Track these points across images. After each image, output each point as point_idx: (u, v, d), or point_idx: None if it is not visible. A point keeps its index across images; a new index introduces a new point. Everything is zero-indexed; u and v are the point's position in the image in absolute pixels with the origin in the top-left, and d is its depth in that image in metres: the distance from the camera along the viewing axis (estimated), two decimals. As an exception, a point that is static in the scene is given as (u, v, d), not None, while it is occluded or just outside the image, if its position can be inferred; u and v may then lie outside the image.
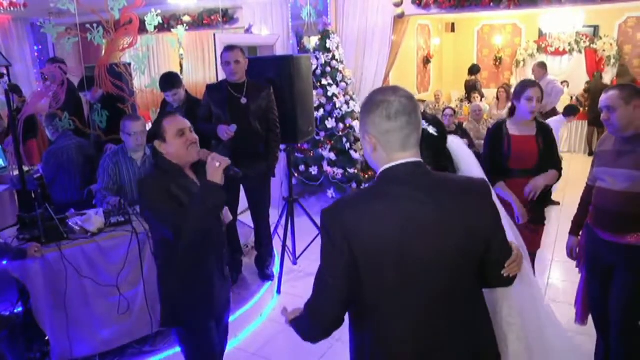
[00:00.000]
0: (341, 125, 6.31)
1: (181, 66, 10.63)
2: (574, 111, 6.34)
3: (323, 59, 6.35)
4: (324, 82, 6.30)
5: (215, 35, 5.62)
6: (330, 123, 6.23)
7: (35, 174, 4.77)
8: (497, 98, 8.21)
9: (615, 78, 9.33)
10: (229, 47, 3.92)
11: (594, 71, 9.88)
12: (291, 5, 7.01)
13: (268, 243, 4.42)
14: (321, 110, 6.27)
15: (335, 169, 6.28)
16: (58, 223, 3.07)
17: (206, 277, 2.36)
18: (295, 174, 6.27)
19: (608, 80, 9.45)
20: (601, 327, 2.87)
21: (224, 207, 2.41)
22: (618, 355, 2.70)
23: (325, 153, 6.28)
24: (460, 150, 2.29)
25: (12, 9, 6.99)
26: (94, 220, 3.20)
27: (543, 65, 7.39)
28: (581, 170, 3.34)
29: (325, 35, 6.42)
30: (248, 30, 7.02)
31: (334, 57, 6.39)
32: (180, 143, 2.29)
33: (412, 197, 1.41)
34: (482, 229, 1.46)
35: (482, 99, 8.73)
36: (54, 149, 4.25)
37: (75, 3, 4.17)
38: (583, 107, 9.39)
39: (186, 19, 8.19)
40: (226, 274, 2.49)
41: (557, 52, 10.50)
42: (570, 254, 2.99)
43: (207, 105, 4.03)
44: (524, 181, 3.18)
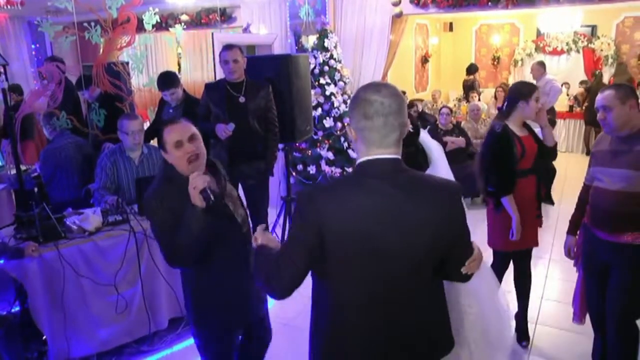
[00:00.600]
0: (339, 125, 6.31)
1: (179, 65, 10.62)
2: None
3: (321, 58, 6.35)
4: (322, 81, 6.30)
5: (213, 34, 5.62)
6: (328, 122, 6.23)
7: (33, 173, 4.76)
8: (495, 97, 8.22)
9: (612, 77, 9.35)
10: (228, 46, 3.92)
11: (591, 71, 9.90)
12: (289, 4, 7.01)
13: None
14: (319, 110, 6.27)
15: (333, 168, 6.28)
16: (55, 222, 3.07)
17: (224, 288, 2.23)
18: (293, 173, 6.26)
19: (606, 80, 9.47)
20: (598, 325, 2.88)
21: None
22: (615, 353, 2.71)
23: (323, 152, 6.28)
24: (431, 144, 2.38)
25: (9, 7, 6.97)
26: (92, 219, 3.19)
27: (542, 64, 7.40)
28: (578, 170, 3.35)
29: (323, 34, 6.42)
30: (246, 30, 7.01)
31: (332, 56, 6.39)
32: (179, 155, 2.10)
33: (384, 191, 1.47)
34: (448, 229, 1.53)
35: (480, 98, 8.74)
36: (51, 148, 4.24)
37: (73, 2, 4.17)
38: (580, 107, 9.41)
39: (184, 18, 8.19)
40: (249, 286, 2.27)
41: (555, 52, 10.51)
42: (568, 253, 3.00)
43: (205, 104, 4.03)
44: (525, 180, 3.16)
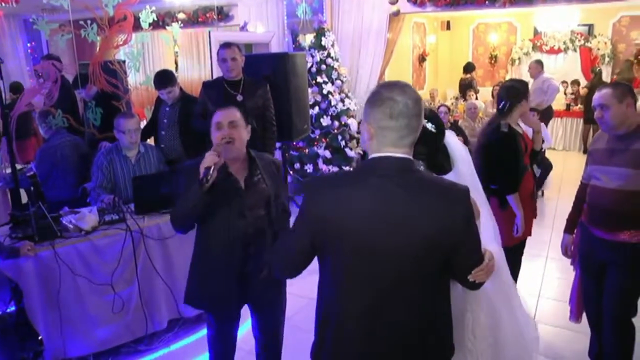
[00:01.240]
0: (336, 123, 6.30)
1: (176, 63, 10.59)
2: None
3: (318, 57, 6.34)
4: (319, 79, 6.29)
5: (210, 32, 5.60)
6: (325, 121, 6.22)
7: (29, 172, 4.74)
8: (493, 96, 8.22)
9: (615, 75, 9.38)
10: (226, 44, 3.91)
11: (588, 69, 9.92)
12: (286, 2, 7.00)
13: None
14: (316, 108, 6.27)
15: (331, 166, 6.28)
16: (51, 221, 3.05)
17: (207, 269, 2.39)
18: (291, 172, 6.26)
19: (603, 79, 9.48)
20: (595, 324, 2.88)
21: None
22: (611, 351, 2.71)
23: (321, 151, 6.27)
24: (456, 146, 2.32)
25: (4, 5, 6.94)
26: (88, 218, 3.18)
27: (540, 63, 7.42)
28: (576, 168, 3.36)
29: (320, 32, 6.42)
30: (243, 28, 7.00)
31: (329, 55, 6.38)
32: (216, 135, 2.29)
33: (388, 190, 1.47)
34: (451, 233, 1.49)
35: (477, 97, 8.74)
36: (47, 146, 4.22)
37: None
38: (578, 105, 9.43)
39: (181, 16, 8.17)
40: (248, 272, 2.38)
41: (552, 51, 10.53)
42: (565, 252, 3.00)
43: (203, 102, 4.01)
44: (525, 176, 3.20)
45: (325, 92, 6.28)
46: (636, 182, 2.46)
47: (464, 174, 2.23)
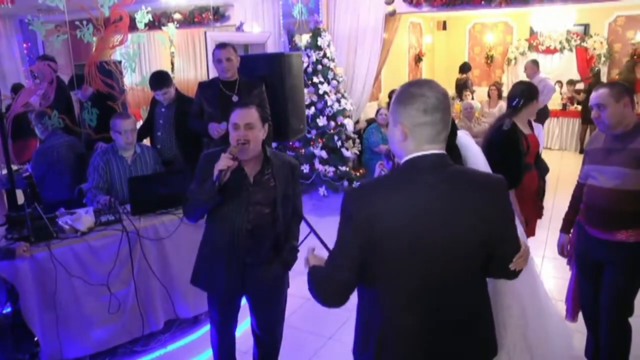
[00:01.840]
0: (332, 123, 6.31)
1: (172, 64, 10.58)
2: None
3: (314, 57, 6.35)
4: (315, 80, 6.29)
5: (206, 32, 5.60)
6: (321, 121, 6.23)
7: (24, 172, 4.72)
8: (489, 96, 8.24)
9: (617, 75, 9.40)
10: (221, 45, 3.90)
11: (584, 69, 9.94)
12: (282, 2, 7.00)
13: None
14: (312, 108, 6.27)
15: (327, 167, 6.29)
16: (47, 222, 3.04)
17: (211, 257, 2.50)
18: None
19: (601, 79, 9.51)
20: (591, 323, 2.89)
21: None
22: (607, 350, 2.72)
23: (317, 151, 6.28)
24: (469, 145, 2.34)
25: (0, 5, 6.91)
26: (84, 219, 3.17)
27: (536, 62, 7.43)
28: (572, 168, 3.37)
29: (316, 33, 6.42)
30: (239, 28, 7.00)
31: (325, 55, 6.39)
32: (233, 135, 2.35)
33: (435, 187, 1.46)
34: (496, 223, 1.52)
35: (473, 97, 8.76)
36: (43, 147, 4.21)
37: (64, 0, 4.13)
38: (574, 105, 9.45)
39: (177, 16, 8.16)
40: (246, 262, 2.46)
41: (548, 50, 10.56)
42: (562, 251, 3.01)
43: (198, 103, 4.01)
44: (529, 174, 3.24)
45: (321, 92, 6.28)
46: (633, 182, 2.47)
47: (480, 169, 2.25)
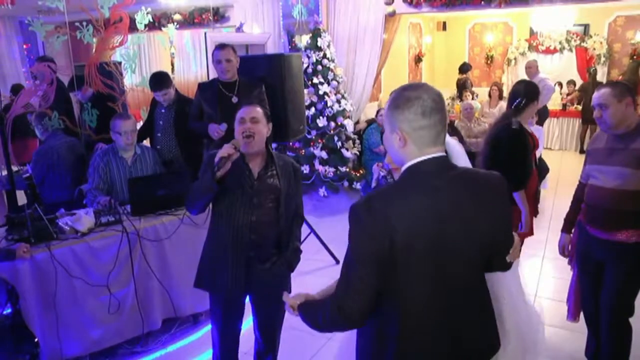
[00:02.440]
0: (332, 124, 6.30)
1: (172, 65, 10.57)
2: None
3: (314, 58, 6.34)
4: (315, 80, 6.29)
5: (206, 33, 5.59)
6: (321, 122, 6.22)
7: (25, 174, 4.73)
8: (489, 96, 8.24)
9: (620, 75, 9.41)
10: (221, 46, 3.90)
11: (584, 69, 9.94)
12: (282, 3, 7.00)
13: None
14: (312, 109, 6.26)
15: (327, 167, 6.28)
16: (47, 223, 3.04)
17: (216, 254, 2.51)
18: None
19: (599, 78, 9.50)
20: (592, 323, 2.89)
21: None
22: (608, 351, 2.72)
23: (317, 151, 6.27)
24: (454, 147, 2.37)
25: None
26: (84, 220, 3.17)
27: (536, 63, 7.44)
28: (572, 168, 3.37)
29: (316, 33, 6.42)
30: (239, 29, 7.00)
31: (325, 56, 6.38)
32: (238, 129, 2.41)
33: (443, 190, 1.46)
34: (501, 221, 1.56)
35: (474, 97, 8.76)
36: (43, 148, 4.21)
37: (64, 1, 4.13)
38: (578, 105, 9.45)
39: (177, 17, 8.16)
40: (252, 258, 2.48)
41: (548, 51, 10.56)
42: (563, 251, 3.00)
43: (198, 104, 4.01)
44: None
45: (321, 92, 6.28)
46: (635, 182, 2.47)
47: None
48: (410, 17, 9.74)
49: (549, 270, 4.49)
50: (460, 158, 2.37)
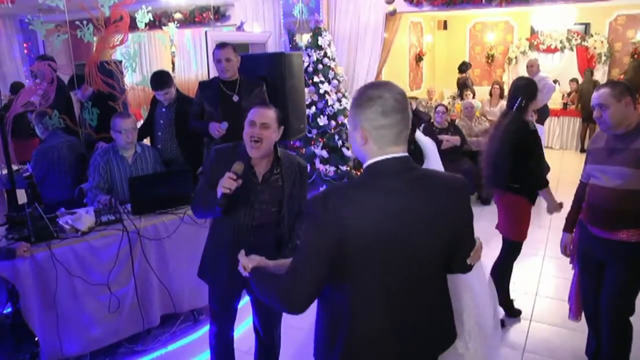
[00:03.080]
0: (333, 123, 6.30)
1: (173, 64, 10.57)
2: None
3: (315, 57, 6.34)
4: (315, 79, 6.29)
5: (206, 32, 5.59)
6: (322, 120, 6.22)
7: (25, 172, 4.72)
8: (490, 95, 8.23)
9: (622, 75, 9.40)
10: (221, 45, 3.90)
11: (585, 68, 9.93)
12: (283, 2, 6.99)
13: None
14: (313, 108, 6.27)
15: (327, 166, 6.28)
16: (48, 222, 3.04)
17: (216, 252, 2.53)
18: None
19: (599, 77, 9.50)
20: (593, 322, 2.89)
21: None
22: (608, 350, 2.72)
23: (317, 150, 6.27)
24: (426, 142, 2.44)
25: (0, 5, 6.91)
26: (85, 219, 3.17)
27: (537, 61, 7.44)
28: (573, 167, 3.37)
29: (317, 32, 6.41)
30: (240, 28, 6.99)
31: (325, 55, 6.38)
32: (247, 132, 2.35)
33: (401, 190, 1.46)
34: (460, 224, 1.56)
35: (474, 96, 8.76)
36: (44, 147, 4.21)
37: (65, 0, 4.13)
38: (576, 105, 9.45)
39: (177, 16, 8.15)
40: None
41: (549, 50, 10.55)
42: (564, 250, 3.00)
43: (199, 103, 4.00)
44: None
45: (322, 91, 6.27)
46: (635, 182, 2.46)
47: (434, 167, 2.37)
48: (411, 16, 9.74)
49: (549, 270, 4.49)
50: (432, 157, 2.42)
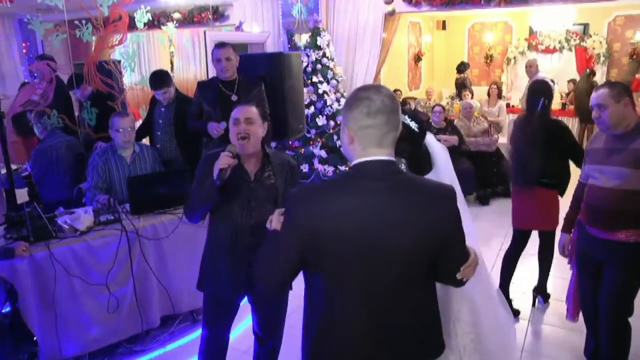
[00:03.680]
0: (332, 123, 6.30)
1: (172, 63, 10.56)
2: None
3: (314, 57, 6.34)
4: (314, 79, 6.29)
5: (205, 32, 5.59)
6: (321, 120, 6.22)
7: (24, 172, 4.72)
8: (489, 95, 8.24)
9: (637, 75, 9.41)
10: (220, 44, 3.90)
11: (584, 69, 9.94)
12: (282, 2, 6.99)
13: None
14: (312, 108, 6.26)
15: (326, 166, 6.28)
16: (46, 222, 3.03)
17: (215, 256, 2.49)
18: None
19: (598, 78, 9.50)
20: (591, 323, 2.89)
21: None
22: (607, 350, 2.72)
23: (316, 150, 6.27)
24: (436, 146, 2.40)
25: (-1, 5, 6.91)
26: (83, 218, 3.16)
27: (536, 62, 7.45)
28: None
29: (315, 32, 6.41)
30: (239, 28, 6.99)
31: (324, 55, 6.38)
32: (233, 130, 2.37)
33: (376, 193, 1.47)
34: (440, 232, 1.52)
35: (473, 97, 8.77)
36: (42, 147, 4.21)
37: (64, -1, 4.13)
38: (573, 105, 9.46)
39: (176, 15, 8.15)
40: (248, 262, 2.43)
41: (548, 50, 10.55)
42: (563, 250, 3.01)
43: (198, 103, 4.01)
44: None
45: (320, 91, 6.27)
46: (634, 182, 2.47)
47: (443, 173, 2.31)
48: (410, 16, 9.74)
49: (548, 270, 4.49)
50: (442, 164, 2.38)
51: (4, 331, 2.90)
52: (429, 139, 2.40)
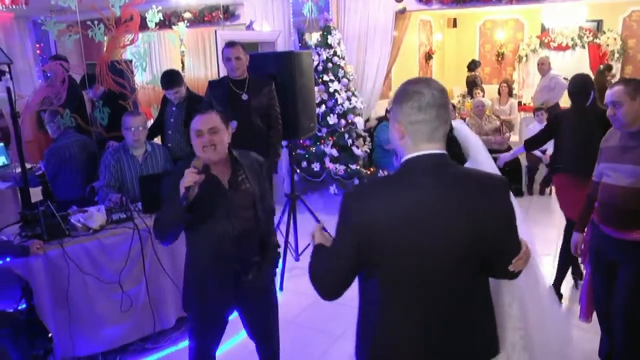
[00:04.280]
0: (343, 122, 6.30)
1: (182, 63, 10.61)
2: None
3: (324, 55, 6.33)
4: (325, 78, 6.28)
5: (216, 31, 5.61)
6: (332, 119, 6.22)
7: (37, 171, 4.77)
8: (499, 93, 8.18)
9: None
10: (230, 44, 3.91)
11: (597, 66, 9.83)
12: (292, 1, 6.99)
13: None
14: (323, 107, 6.26)
15: (338, 165, 6.27)
16: (60, 220, 3.07)
17: (200, 273, 2.39)
18: (297, 171, 6.26)
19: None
20: (605, 323, 2.86)
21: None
22: (622, 351, 2.69)
23: (327, 149, 6.27)
24: (468, 134, 2.33)
25: (14, 6, 6.98)
26: (96, 217, 3.19)
27: (548, 59, 7.40)
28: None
29: (326, 31, 6.41)
30: (249, 27, 7.01)
31: (335, 53, 6.37)
32: (197, 142, 2.25)
33: (434, 188, 1.46)
34: (495, 225, 1.50)
35: (484, 95, 8.71)
36: (55, 146, 4.25)
37: (77, 0, 4.17)
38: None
39: (187, 15, 8.18)
40: (234, 274, 2.38)
41: (560, 47, 10.44)
42: (575, 250, 2.98)
43: (208, 102, 4.03)
44: None
45: (331, 90, 6.27)
46: (648, 180, 2.44)
47: (481, 161, 2.25)
48: (421, 14, 9.68)
49: (560, 269, 4.45)
50: (478, 154, 2.32)
51: (20, 327, 2.94)
52: (461, 129, 2.34)
